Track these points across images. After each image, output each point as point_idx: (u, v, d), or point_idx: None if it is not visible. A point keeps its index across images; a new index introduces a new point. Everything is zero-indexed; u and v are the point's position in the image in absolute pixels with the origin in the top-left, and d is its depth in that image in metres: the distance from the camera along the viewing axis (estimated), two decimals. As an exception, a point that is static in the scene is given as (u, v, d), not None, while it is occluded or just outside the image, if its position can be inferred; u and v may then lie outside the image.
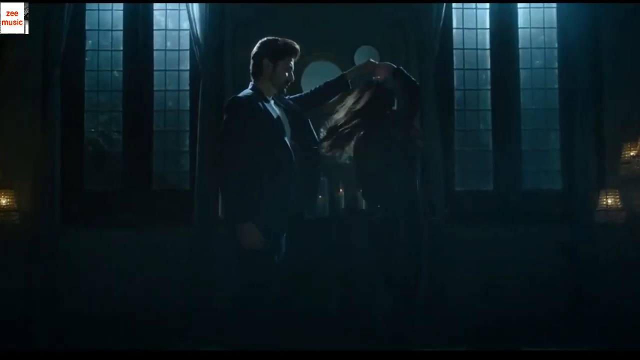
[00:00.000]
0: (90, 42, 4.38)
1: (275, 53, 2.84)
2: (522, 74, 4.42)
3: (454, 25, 4.42)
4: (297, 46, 2.88)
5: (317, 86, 3.13)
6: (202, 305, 3.98)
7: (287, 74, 2.88)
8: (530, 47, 4.44)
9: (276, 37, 2.89)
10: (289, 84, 2.94)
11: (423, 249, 2.96)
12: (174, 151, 4.39)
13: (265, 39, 2.90)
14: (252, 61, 2.90)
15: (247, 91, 2.85)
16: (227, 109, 2.81)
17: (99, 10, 4.36)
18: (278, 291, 2.88)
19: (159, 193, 4.31)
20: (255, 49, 2.89)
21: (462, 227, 4.09)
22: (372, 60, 3.12)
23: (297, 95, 3.10)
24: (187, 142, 4.35)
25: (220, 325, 3.58)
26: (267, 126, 2.76)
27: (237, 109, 2.76)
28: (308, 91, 3.15)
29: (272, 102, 2.88)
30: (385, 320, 2.91)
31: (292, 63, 2.90)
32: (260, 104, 2.79)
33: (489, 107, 4.42)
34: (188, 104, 4.35)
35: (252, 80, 2.90)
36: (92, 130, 4.41)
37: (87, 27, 4.35)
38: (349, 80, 3.12)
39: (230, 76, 4.19)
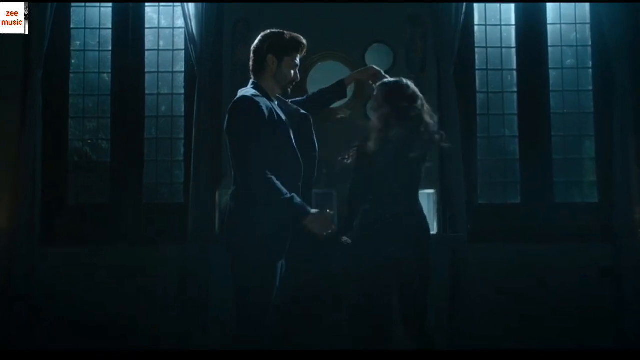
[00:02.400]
0: (78, 43, 4.25)
1: (281, 48, 2.73)
2: (552, 74, 4.24)
3: (476, 21, 4.25)
4: (305, 41, 2.77)
5: (312, 93, 3.12)
6: (195, 330, 3.81)
7: (292, 72, 2.77)
8: (561, 45, 4.25)
9: (282, 30, 2.77)
10: (294, 84, 2.82)
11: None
12: (167, 161, 4.24)
13: (269, 32, 2.78)
14: (253, 56, 2.78)
15: (251, 90, 2.70)
16: (234, 109, 2.61)
17: (85, 7, 4.24)
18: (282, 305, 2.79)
19: (151, 207, 4.17)
20: (257, 43, 2.77)
21: (486, 244, 3.95)
22: (374, 67, 3.11)
23: (297, 99, 3.02)
24: (182, 150, 4.21)
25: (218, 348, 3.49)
26: (277, 129, 2.64)
27: (248, 109, 2.58)
28: (304, 97, 3.11)
29: (276, 102, 2.75)
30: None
31: (298, 60, 2.80)
32: (268, 104, 2.66)
33: (515, 111, 4.22)
34: (183, 109, 4.21)
35: (253, 77, 2.78)
36: (78, 138, 4.28)
37: (72, 25, 4.24)
38: (348, 88, 3.09)
39: (229, 78, 4.07)
